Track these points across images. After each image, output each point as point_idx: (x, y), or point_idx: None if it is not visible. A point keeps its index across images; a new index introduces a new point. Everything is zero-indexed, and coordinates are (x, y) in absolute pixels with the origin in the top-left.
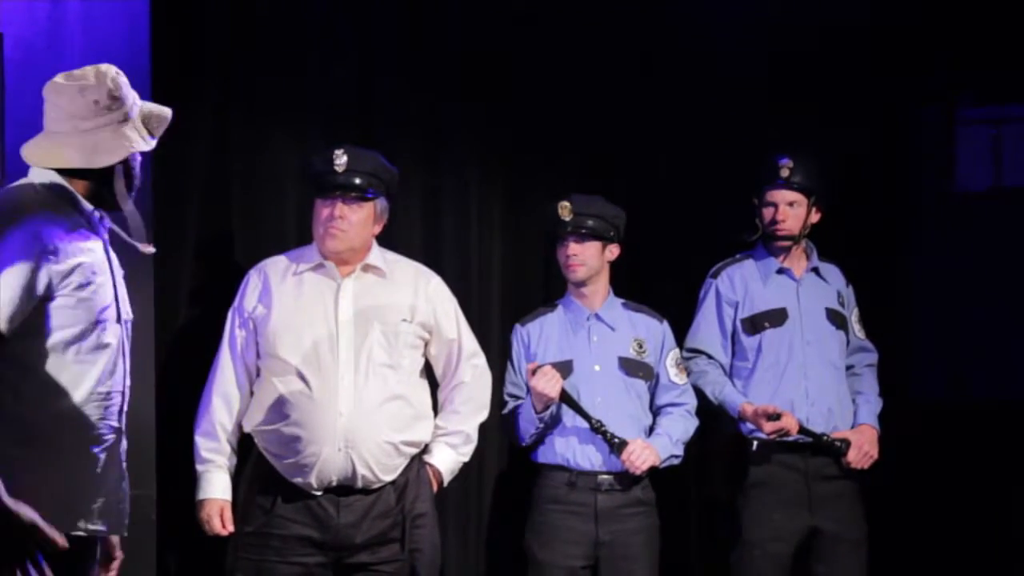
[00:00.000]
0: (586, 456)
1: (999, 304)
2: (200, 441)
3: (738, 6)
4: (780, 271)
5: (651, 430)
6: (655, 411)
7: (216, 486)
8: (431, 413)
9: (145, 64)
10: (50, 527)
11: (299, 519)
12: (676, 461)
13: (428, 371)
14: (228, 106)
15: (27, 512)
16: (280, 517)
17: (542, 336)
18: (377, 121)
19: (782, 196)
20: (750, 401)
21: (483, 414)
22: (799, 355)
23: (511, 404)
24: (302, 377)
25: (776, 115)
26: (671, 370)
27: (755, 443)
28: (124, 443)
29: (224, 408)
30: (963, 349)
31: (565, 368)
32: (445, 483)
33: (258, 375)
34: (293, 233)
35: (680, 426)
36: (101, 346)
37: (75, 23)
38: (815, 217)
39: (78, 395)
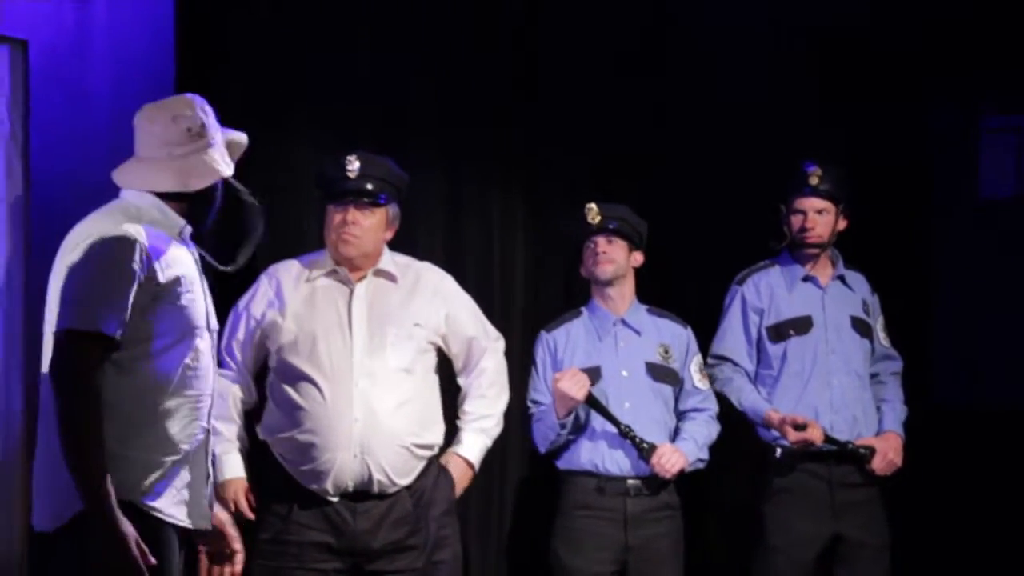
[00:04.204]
0: (615, 461)
1: (1022, 311)
2: (213, 424)
3: (766, 11)
4: (806, 279)
5: (675, 434)
6: (679, 416)
7: (234, 466)
8: (442, 416)
9: (170, 71)
10: (142, 548)
11: (315, 525)
12: (702, 465)
13: (439, 373)
14: (251, 111)
15: (130, 530)
16: (296, 523)
17: (568, 342)
18: (398, 127)
19: (811, 204)
20: (776, 408)
21: (507, 396)
22: (823, 363)
23: (533, 410)
24: (316, 384)
25: (801, 122)
26: (695, 375)
27: (779, 450)
28: (211, 442)
29: (233, 392)
30: (987, 355)
31: (593, 374)
32: (476, 471)
33: (272, 382)
34: (314, 238)
35: (704, 431)
36: (195, 352)
37: (100, 29)
38: (842, 225)
39: (174, 396)
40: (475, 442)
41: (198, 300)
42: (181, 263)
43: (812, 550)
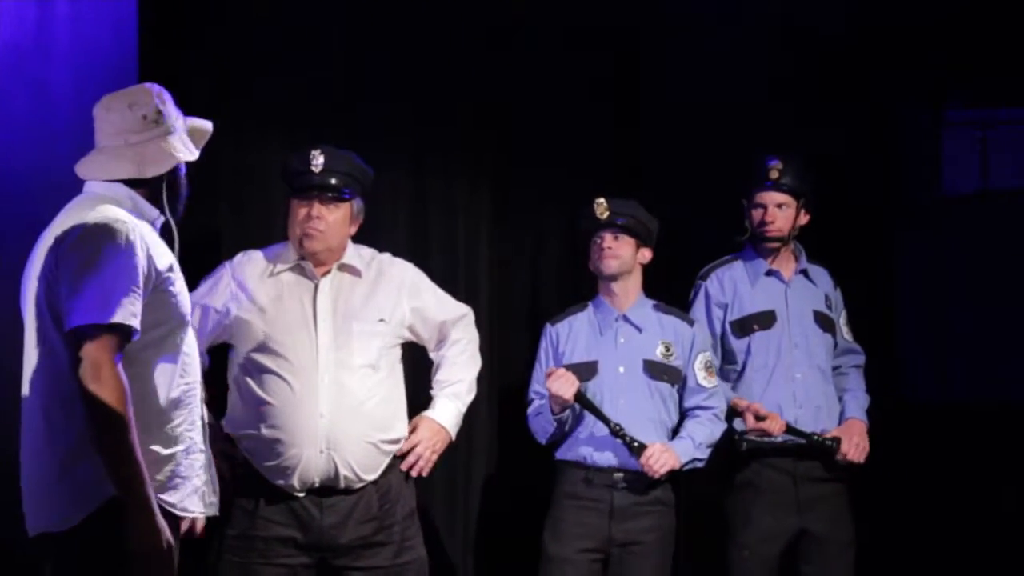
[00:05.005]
0: (604, 457)
1: (985, 306)
2: None
3: (722, 7)
4: (769, 273)
5: (677, 432)
6: (683, 414)
7: None
8: (406, 411)
9: (133, 66)
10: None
11: (282, 520)
12: (700, 464)
13: (405, 367)
14: (214, 107)
15: (167, 535)
16: (263, 519)
17: (570, 335)
18: (363, 122)
19: (771, 198)
20: (742, 397)
21: (479, 363)
22: (787, 358)
23: (536, 402)
24: (282, 379)
25: (763, 115)
26: (699, 373)
27: (745, 444)
28: (207, 431)
29: None
30: (950, 350)
31: (590, 369)
32: (453, 437)
33: (237, 377)
34: (280, 231)
35: (705, 430)
36: (188, 339)
37: (63, 25)
38: (804, 219)
39: (178, 385)
40: (446, 406)
41: (184, 288)
42: (166, 251)
43: (776, 545)
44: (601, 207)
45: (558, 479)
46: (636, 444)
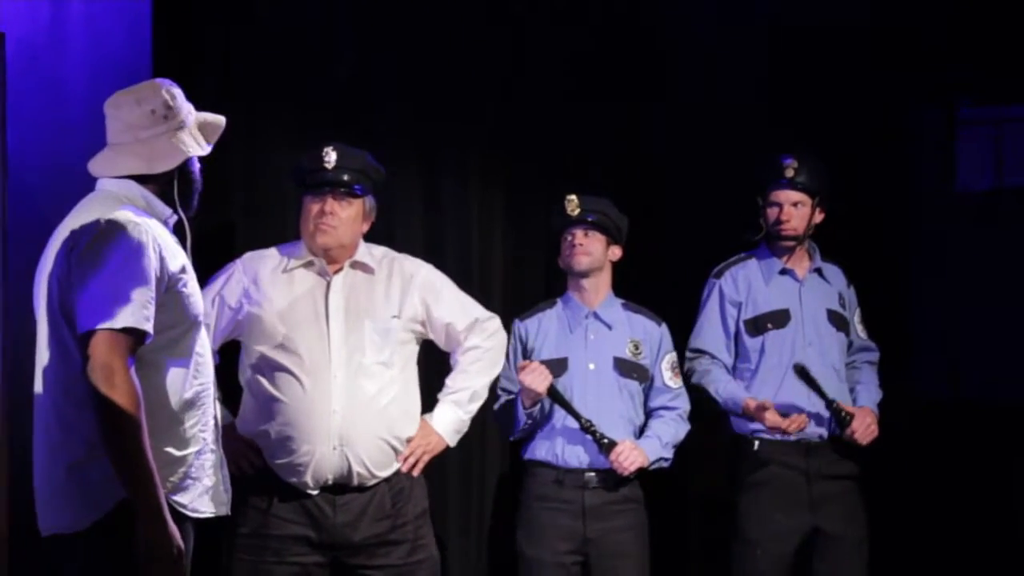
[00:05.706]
0: (574, 454)
1: (999, 304)
2: None
3: (739, 5)
4: (783, 272)
5: (643, 431)
6: (648, 413)
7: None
8: (419, 409)
9: (146, 64)
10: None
11: (295, 519)
12: (665, 464)
13: (421, 365)
14: (228, 105)
15: (178, 540)
16: (276, 517)
17: (540, 332)
18: (376, 121)
19: (787, 196)
20: (753, 397)
21: (494, 372)
22: (800, 357)
23: (503, 398)
24: (294, 376)
25: (777, 114)
26: (666, 373)
27: (757, 443)
28: (219, 431)
29: None
30: (964, 348)
31: (560, 365)
32: (452, 444)
33: (249, 376)
34: (291, 231)
35: (671, 430)
36: (201, 340)
37: (77, 23)
38: (819, 217)
39: (192, 386)
40: (445, 413)
41: (197, 289)
42: (179, 251)
43: (790, 544)
44: (572, 204)
45: (527, 480)
46: (606, 441)
